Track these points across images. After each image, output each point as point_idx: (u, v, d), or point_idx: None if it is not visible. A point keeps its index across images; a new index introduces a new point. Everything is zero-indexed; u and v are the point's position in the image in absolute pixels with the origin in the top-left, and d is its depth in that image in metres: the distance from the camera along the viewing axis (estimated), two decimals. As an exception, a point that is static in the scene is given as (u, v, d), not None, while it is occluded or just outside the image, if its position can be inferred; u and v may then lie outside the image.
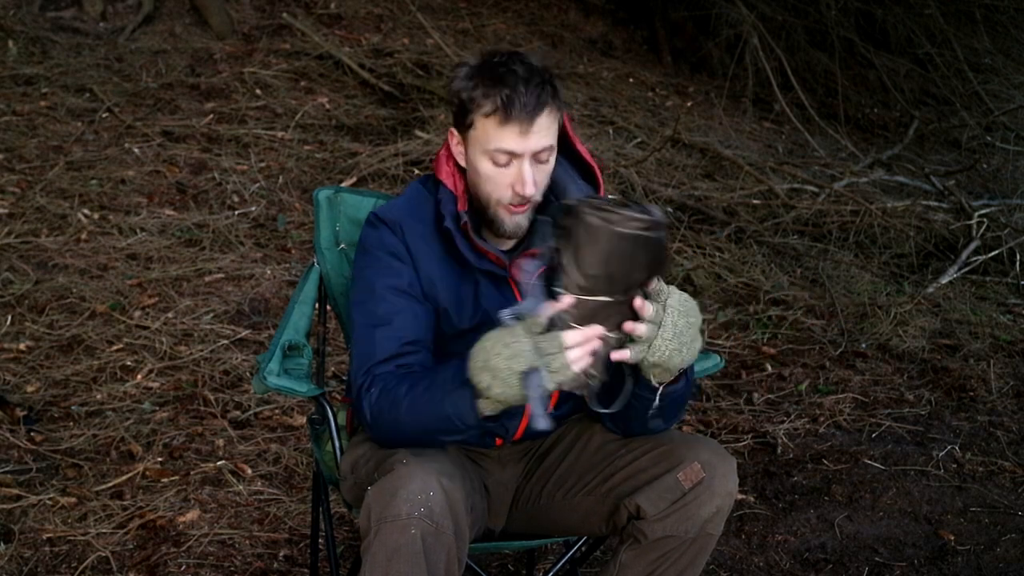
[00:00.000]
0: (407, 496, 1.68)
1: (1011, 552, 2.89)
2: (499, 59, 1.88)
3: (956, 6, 7.47)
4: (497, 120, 1.84)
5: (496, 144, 1.86)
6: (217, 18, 6.40)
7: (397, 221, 1.95)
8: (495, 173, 1.89)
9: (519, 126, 1.84)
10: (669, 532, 1.89)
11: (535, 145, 1.86)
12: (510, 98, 1.83)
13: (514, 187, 1.88)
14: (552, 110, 1.88)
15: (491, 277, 1.96)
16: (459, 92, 1.89)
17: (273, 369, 1.98)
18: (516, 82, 1.84)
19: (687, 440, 1.95)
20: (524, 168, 1.87)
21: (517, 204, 1.90)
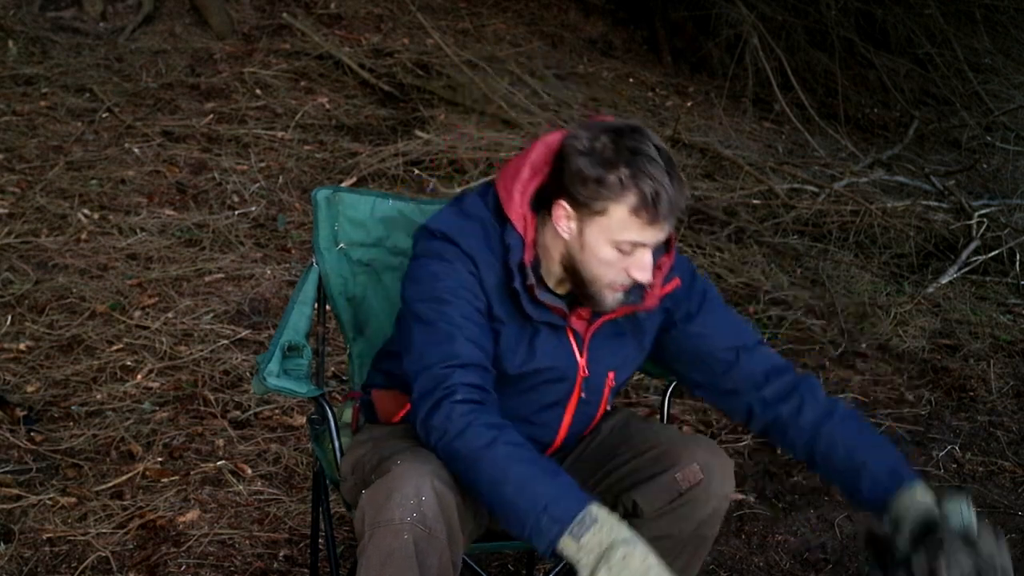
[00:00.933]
0: (400, 500, 1.68)
1: (1011, 552, 2.88)
2: (630, 143, 1.76)
3: (956, 6, 7.47)
4: (642, 218, 1.75)
5: (630, 237, 1.77)
6: (217, 18, 6.40)
7: (473, 255, 1.85)
8: (616, 259, 1.80)
9: (662, 223, 1.76)
10: (664, 532, 1.89)
11: (664, 237, 1.81)
12: (659, 195, 1.73)
13: (629, 271, 1.81)
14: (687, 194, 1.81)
15: (549, 326, 1.91)
16: (596, 179, 1.76)
17: (273, 370, 1.98)
18: (662, 175, 1.74)
19: (686, 440, 1.95)
20: (647, 257, 1.80)
21: (624, 285, 1.84)
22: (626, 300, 1.89)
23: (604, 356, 1.96)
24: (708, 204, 5.14)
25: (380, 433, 1.99)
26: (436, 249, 1.86)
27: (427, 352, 1.80)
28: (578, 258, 1.84)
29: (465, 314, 1.81)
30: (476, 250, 1.85)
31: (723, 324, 2.00)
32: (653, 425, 2.07)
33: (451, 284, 1.83)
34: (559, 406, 1.98)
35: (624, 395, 3.61)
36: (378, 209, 2.29)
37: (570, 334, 1.92)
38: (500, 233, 1.87)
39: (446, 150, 5.23)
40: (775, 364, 2.00)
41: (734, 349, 1.98)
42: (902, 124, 7.39)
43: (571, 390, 1.96)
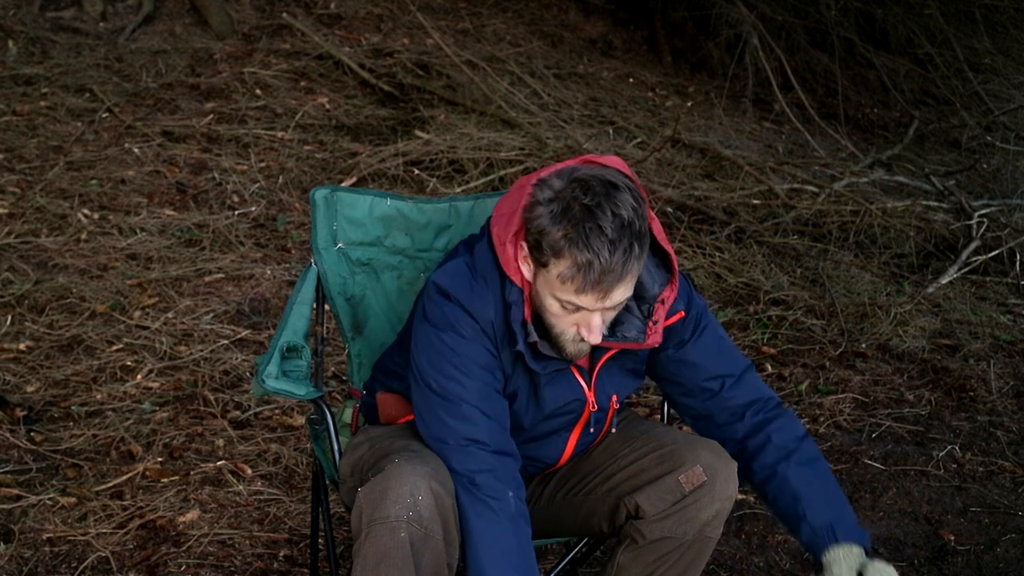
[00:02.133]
0: (396, 498, 1.68)
1: (1011, 552, 2.88)
2: (589, 201, 1.70)
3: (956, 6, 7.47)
4: (574, 287, 1.72)
5: (568, 298, 1.75)
6: (217, 18, 6.40)
7: (490, 319, 1.83)
8: (561, 314, 1.79)
9: (597, 293, 1.72)
10: (667, 533, 1.89)
11: (610, 305, 1.76)
12: (591, 265, 1.68)
13: (579, 329, 1.79)
14: (637, 268, 1.73)
15: (553, 373, 1.91)
16: (540, 232, 1.73)
17: (271, 372, 1.98)
18: (602, 246, 1.67)
19: (690, 442, 1.95)
20: (594, 320, 1.77)
21: (580, 340, 1.82)
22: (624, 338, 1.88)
23: (608, 385, 1.97)
24: (708, 204, 5.14)
25: (377, 433, 1.99)
26: (451, 316, 1.83)
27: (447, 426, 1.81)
28: (535, 301, 1.83)
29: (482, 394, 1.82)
30: (489, 313, 1.84)
31: (712, 354, 1.99)
32: (656, 427, 2.08)
33: (466, 360, 1.82)
34: (565, 431, 2.00)
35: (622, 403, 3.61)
36: (376, 208, 2.29)
37: (576, 372, 1.92)
38: (502, 288, 1.85)
39: (446, 150, 5.23)
40: (757, 397, 2.00)
41: (720, 379, 1.98)
42: (902, 124, 7.38)
43: (577, 419, 1.98)
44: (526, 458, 1.97)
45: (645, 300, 1.89)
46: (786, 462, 1.94)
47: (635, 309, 1.90)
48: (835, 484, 1.96)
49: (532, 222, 1.75)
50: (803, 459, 1.95)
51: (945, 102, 7.43)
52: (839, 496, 1.94)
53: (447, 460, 1.80)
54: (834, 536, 1.86)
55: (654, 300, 1.89)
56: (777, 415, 1.99)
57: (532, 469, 2.03)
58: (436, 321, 1.85)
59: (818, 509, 1.89)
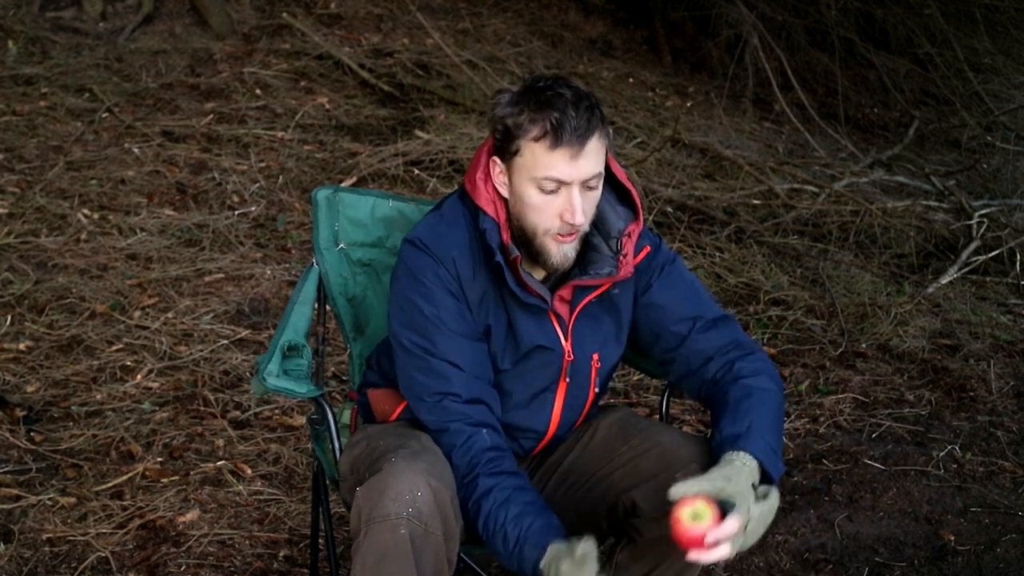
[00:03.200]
0: (395, 495, 1.69)
1: (1011, 552, 2.88)
2: (544, 83, 1.81)
3: (956, 6, 7.47)
4: (546, 145, 1.78)
5: (545, 171, 1.79)
6: (217, 18, 6.40)
7: (450, 256, 1.87)
8: (543, 202, 1.82)
9: (569, 150, 1.78)
10: (664, 532, 1.89)
11: (585, 172, 1.80)
12: (560, 121, 1.76)
13: (563, 216, 1.82)
14: (601, 135, 1.82)
15: (531, 310, 1.92)
16: (503, 118, 1.82)
17: (272, 370, 1.98)
18: (565, 105, 1.77)
19: (688, 440, 1.95)
20: (573, 196, 1.81)
21: (565, 233, 1.84)
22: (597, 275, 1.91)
23: (586, 339, 1.97)
24: (708, 204, 5.14)
25: (375, 432, 1.99)
26: (413, 266, 1.88)
27: (420, 383, 1.86)
28: (515, 212, 1.87)
29: (452, 345, 1.85)
30: (454, 251, 1.88)
31: (681, 296, 1.99)
32: (654, 424, 2.07)
33: (431, 311, 1.86)
34: (548, 391, 2.00)
35: (624, 395, 3.61)
36: (378, 209, 2.29)
37: (552, 318, 1.94)
38: (474, 221, 1.90)
39: (446, 150, 5.23)
40: (732, 339, 1.97)
41: (689, 320, 1.97)
42: (902, 124, 7.38)
43: (558, 374, 1.98)
44: (516, 429, 1.99)
45: (612, 236, 1.93)
46: (734, 383, 1.90)
47: (604, 248, 1.93)
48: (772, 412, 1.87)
49: (496, 118, 1.83)
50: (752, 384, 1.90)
51: (945, 102, 7.43)
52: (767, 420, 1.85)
53: (425, 414, 1.86)
54: (734, 443, 1.79)
55: (620, 235, 1.93)
56: (749, 353, 1.95)
57: (526, 443, 2.03)
58: (401, 276, 1.91)
59: (734, 421, 1.83)
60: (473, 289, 1.90)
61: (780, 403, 1.92)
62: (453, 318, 1.87)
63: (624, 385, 3.67)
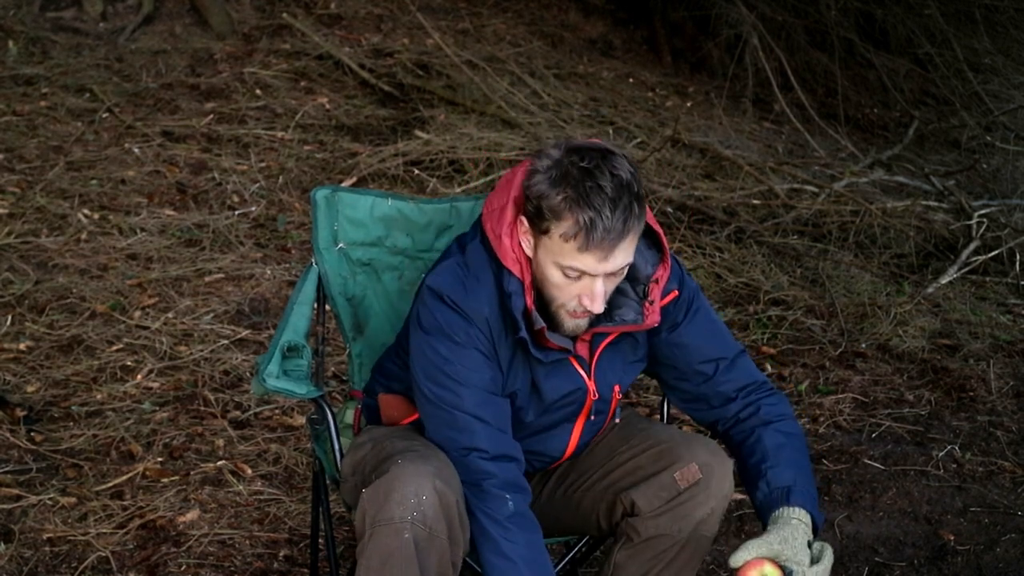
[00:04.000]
0: (400, 499, 1.68)
1: (1011, 552, 2.88)
2: (587, 164, 1.72)
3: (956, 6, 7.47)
4: (576, 244, 1.72)
5: (570, 263, 1.75)
6: (217, 18, 6.40)
7: (484, 316, 1.83)
8: (564, 283, 1.78)
9: (600, 252, 1.72)
10: (662, 531, 1.90)
11: (612, 268, 1.76)
12: (594, 223, 1.69)
13: (581, 299, 1.79)
14: (637, 229, 1.75)
15: (554, 363, 1.91)
16: (539, 197, 1.74)
17: (272, 371, 1.98)
18: (603, 203, 1.69)
19: (687, 439, 1.96)
20: (596, 286, 1.77)
21: (581, 312, 1.82)
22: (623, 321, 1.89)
23: (608, 374, 1.97)
24: (708, 204, 5.14)
25: (380, 434, 1.99)
26: (443, 322, 1.83)
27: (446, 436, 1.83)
28: (535, 276, 1.83)
29: (478, 400, 1.82)
30: (486, 310, 1.84)
31: (706, 336, 2.00)
32: (653, 424, 2.08)
33: (460, 369, 1.82)
34: (568, 423, 2.00)
35: (624, 395, 3.61)
36: (377, 208, 2.29)
37: (575, 362, 1.92)
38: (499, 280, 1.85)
39: (446, 150, 5.23)
40: (751, 380, 2.01)
41: (714, 362, 1.99)
42: (902, 124, 7.38)
43: (580, 410, 1.98)
44: (531, 453, 1.97)
45: (639, 281, 1.91)
46: (765, 427, 1.95)
47: (630, 291, 1.91)
48: (807, 459, 1.95)
49: (531, 189, 1.76)
50: (783, 428, 1.96)
51: (945, 102, 7.42)
52: (807, 470, 1.92)
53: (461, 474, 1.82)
54: (787, 499, 1.83)
55: (648, 280, 1.90)
56: (770, 394, 2.01)
57: (537, 464, 2.03)
58: (429, 328, 1.85)
59: (781, 472, 1.88)
60: (503, 348, 1.87)
61: (807, 448, 1.98)
62: (482, 376, 1.83)
63: (624, 385, 3.67)
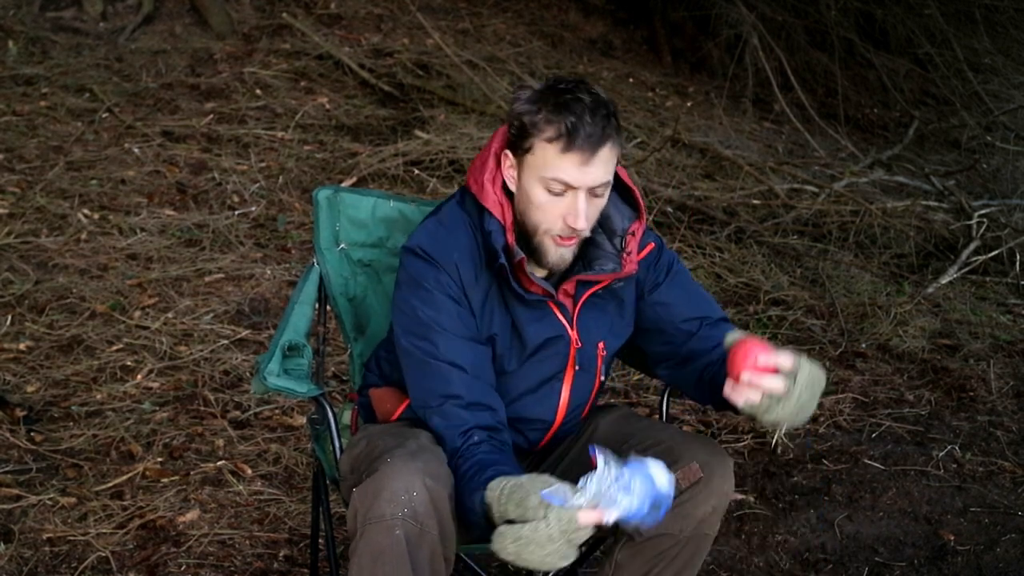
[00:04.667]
0: (390, 496, 1.69)
1: (1011, 552, 2.89)
2: (565, 85, 1.82)
3: (956, 6, 7.47)
4: (559, 147, 1.79)
5: (554, 172, 1.81)
6: (217, 18, 6.40)
7: (452, 261, 1.88)
8: (548, 202, 1.84)
9: (580, 155, 1.79)
10: (663, 530, 1.89)
11: (593, 179, 1.81)
12: (575, 126, 1.78)
13: (566, 218, 1.83)
14: (614, 144, 1.83)
15: (534, 306, 1.93)
16: (521, 115, 1.83)
17: (273, 370, 1.98)
18: (582, 111, 1.78)
19: (687, 439, 1.96)
20: (579, 201, 1.82)
21: (566, 236, 1.86)
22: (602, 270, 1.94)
23: (592, 328, 2.00)
24: (708, 204, 5.14)
25: (374, 432, 2.00)
26: (415, 273, 1.89)
27: (425, 388, 1.87)
28: (520, 208, 1.89)
29: (453, 347, 1.86)
30: (456, 255, 1.89)
31: (688, 296, 2.05)
32: (653, 424, 2.08)
33: (431, 314, 1.87)
34: (556, 379, 2.01)
35: (624, 395, 3.61)
36: (379, 209, 2.29)
37: (556, 309, 1.96)
38: (480, 225, 1.91)
39: (446, 150, 5.23)
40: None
41: (697, 320, 2.03)
42: (902, 124, 7.39)
43: (565, 362, 2.00)
44: (523, 420, 1.99)
45: (616, 234, 1.97)
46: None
47: (607, 245, 1.97)
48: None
49: (514, 110, 1.85)
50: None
51: (945, 102, 7.43)
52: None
53: (431, 418, 1.86)
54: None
55: (624, 233, 1.96)
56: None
57: (533, 435, 2.03)
58: (402, 282, 1.92)
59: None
60: (476, 292, 1.90)
61: None
62: (454, 321, 1.87)
63: (624, 385, 3.67)
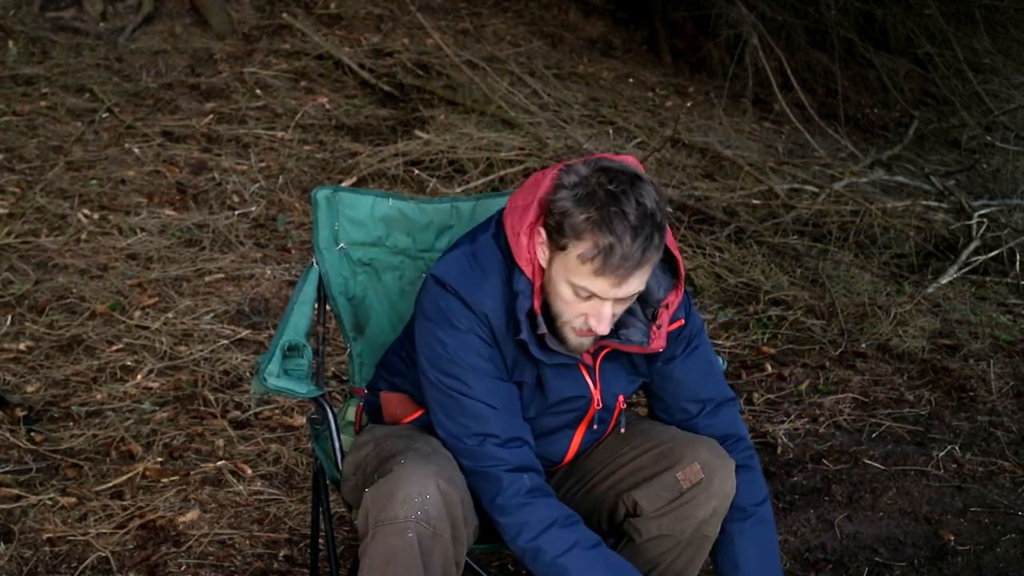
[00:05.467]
0: (404, 498, 1.68)
1: (1011, 552, 2.88)
2: (614, 188, 1.71)
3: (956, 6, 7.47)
4: (593, 267, 1.71)
5: (583, 283, 1.74)
6: (217, 18, 6.40)
7: (483, 310, 1.82)
8: (573, 301, 1.78)
9: (614, 279, 1.72)
10: (664, 531, 1.90)
11: (624, 294, 1.76)
12: (612, 249, 1.68)
13: (588, 318, 1.78)
14: (654, 261, 1.74)
15: (560, 366, 1.90)
16: (562, 213, 1.73)
17: (273, 370, 1.98)
18: (625, 231, 1.68)
19: (688, 439, 1.96)
20: (604, 309, 1.76)
21: (586, 331, 1.81)
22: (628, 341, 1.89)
23: (613, 381, 1.97)
24: (708, 204, 5.14)
25: (382, 433, 1.99)
26: (446, 309, 1.83)
27: (458, 424, 1.82)
28: (547, 289, 1.82)
29: (485, 386, 1.82)
30: (488, 303, 1.83)
31: (699, 375, 2.00)
32: (656, 425, 2.08)
33: (462, 354, 1.82)
34: (570, 429, 2.00)
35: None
36: (378, 208, 2.29)
37: (582, 369, 1.92)
38: (509, 278, 1.84)
39: (446, 150, 5.23)
40: (732, 432, 2.01)
41: (701, 403, 2.00)
42: (902, 124, 7.39)
43: (582, 418, 1.98)
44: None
45: (649, 304, 1.90)
46: (739, 524, 1.95)
47: (639, 312, 1.90)
48: (777, 553, 1.98)
49: (555, 203, 1.74)
50: (758, 520, 1.97)
51: (945, 102, 7.43)
52: (776, 567, 1.96)
53: (464, 457, 1.82)
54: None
55: (658, 304, 1.89)
56: (747, 467, 1.99)
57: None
58: (431, 315, 1.85)
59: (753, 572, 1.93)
60: (507, 343, 1.86)
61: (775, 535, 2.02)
62: (485, 363, 1.83)
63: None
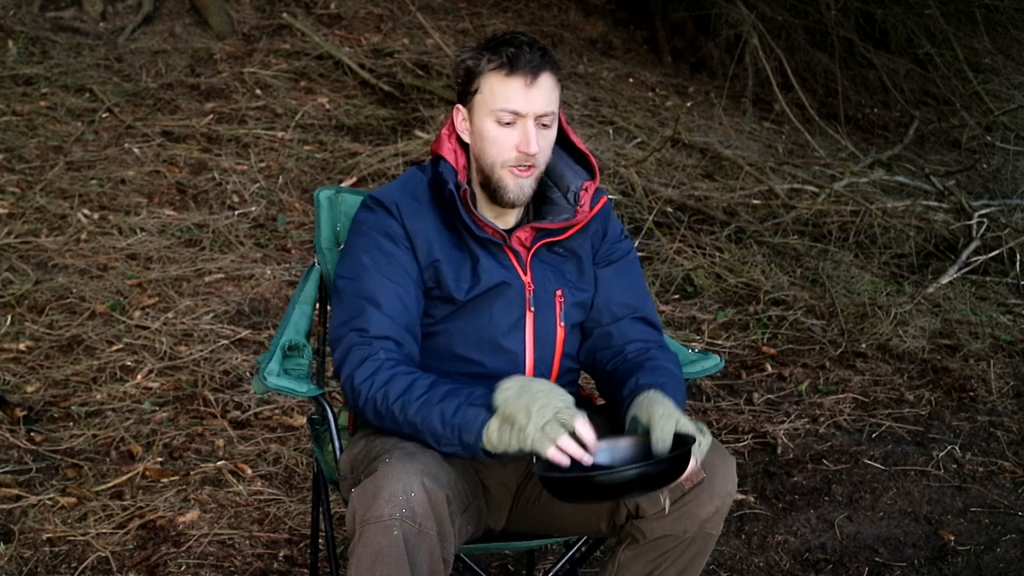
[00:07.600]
0: (388, 497, 1.69)
1: (1011, 552, 2.88)
2: (503, 35, 1.97)
3: (956, 6, 7.48)
4: (502, 74, 1.91)
5: (502, 103, 1.91)
6: (217, 18, 6.40)
7: (394, 202, 1.98)
8: (500, 134, 1.93)
9: (523, 79, 1.90)
10: (667, 531, 1.89)
11: (538, 106, 1.92)
12: (515, 54, 1.90)
13: (519, 147, 1.92)
14: (553, 77, 1.95)
15: (489, 246, 1.99)
16: (464, 61, 1.95)
17: (273, 369, 1.98)
18: (520, 44, 1.92)
19: (688, 440, 1.95)
20: (529, 128, 1.92)
21: (523, 167, 1.94)
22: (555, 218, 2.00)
23: (547, 276, 2.04)
24: (708, 204, 5.14)
25: (374, 432, 1.99)
26: (360, 220, 2.00)
27: (337, 321, 1.93)
28: (476, 152, 1.98)
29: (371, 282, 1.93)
30: (402, 201, 1.98)
31: (630, 285, 2.11)
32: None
33: (359, 253, 1.96)
34: (518, 328, 2.01)
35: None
36: (378, 209, 2.29)
37: (511, 254, 2.00)
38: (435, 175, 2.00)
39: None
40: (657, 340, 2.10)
41: (629, 307, 2.09)
42: (902, 124, 7.39)
43: (523, 308, 2.01)
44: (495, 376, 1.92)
45: (570, 190, 2.05)
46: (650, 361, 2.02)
47: (562, 200, 2.05)
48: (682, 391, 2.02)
49: (458, 64, 1.96)
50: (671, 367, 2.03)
51: (945, 102, 7.43)
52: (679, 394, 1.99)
53: (335, 348, 1.91)
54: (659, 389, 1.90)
55: (578, 190, 2.04)
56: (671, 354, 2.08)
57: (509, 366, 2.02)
58: (350, 231, 2.02)
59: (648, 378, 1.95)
60: (421, 226, 1.96)
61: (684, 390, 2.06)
62: (385, 261, 1.94)
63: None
